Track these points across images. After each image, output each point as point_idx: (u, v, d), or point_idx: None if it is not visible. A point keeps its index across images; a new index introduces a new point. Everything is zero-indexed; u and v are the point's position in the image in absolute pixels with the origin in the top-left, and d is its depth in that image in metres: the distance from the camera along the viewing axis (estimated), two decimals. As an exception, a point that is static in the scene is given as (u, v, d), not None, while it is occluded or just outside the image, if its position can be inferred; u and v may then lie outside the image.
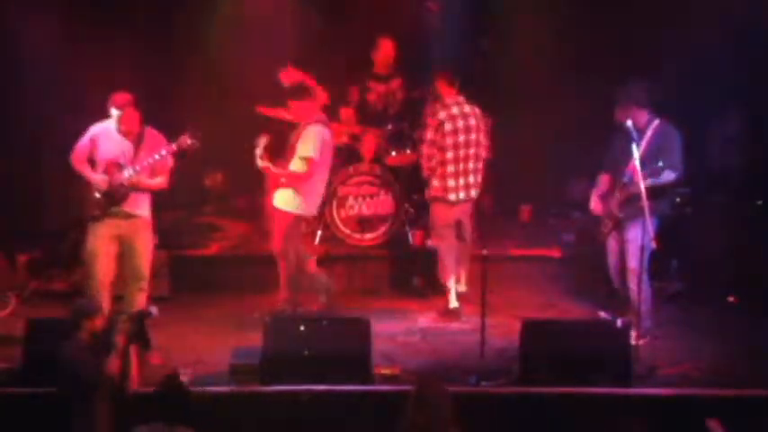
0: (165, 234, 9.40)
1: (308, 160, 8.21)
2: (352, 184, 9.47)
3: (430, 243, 9.10)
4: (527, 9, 9.99)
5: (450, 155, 8.49)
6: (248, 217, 10.44)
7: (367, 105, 9.87)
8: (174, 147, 7.75)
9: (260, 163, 8.31)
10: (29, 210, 9.88)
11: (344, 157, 9.65)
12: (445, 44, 10.04)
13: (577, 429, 6.90)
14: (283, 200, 8.36)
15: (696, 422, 6.59)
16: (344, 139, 9.70)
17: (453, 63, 9.01)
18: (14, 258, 9.35)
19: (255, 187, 9.52)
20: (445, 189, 8.54)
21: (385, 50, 9.83)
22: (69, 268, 9.09)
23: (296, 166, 8.27)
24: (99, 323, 6.38)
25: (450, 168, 8.52)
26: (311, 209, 8.48)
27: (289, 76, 9.22)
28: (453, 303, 8.60)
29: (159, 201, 9.44)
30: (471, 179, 8.61)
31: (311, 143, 8.21)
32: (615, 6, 9.93)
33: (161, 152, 7.71)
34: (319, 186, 8.42)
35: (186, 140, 7.74)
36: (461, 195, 8.58)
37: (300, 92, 8.42)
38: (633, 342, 7.47)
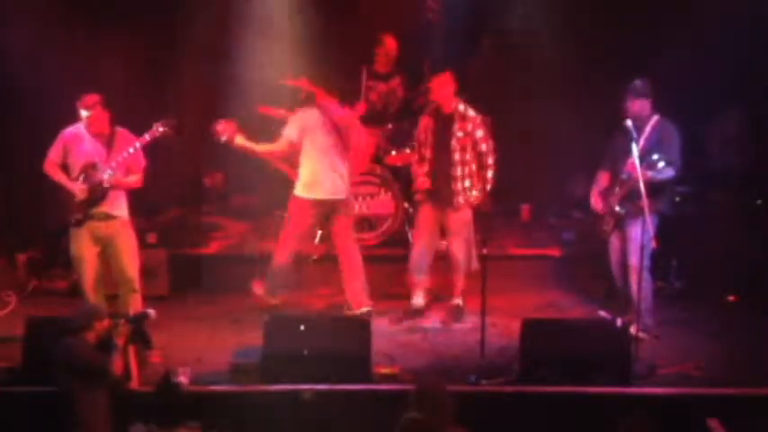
0: (165, 233, 9.41)
1: (282, 139, 8.37)
2: (353, 183, 9.44)
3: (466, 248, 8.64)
4: (527, 9, 9.98)
5: None
6: (248, 216, 10.44)
7: (368, 104, 9.87)
8: (146, 138, 7.76)
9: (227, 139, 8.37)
10: (29, 210, 9.88)
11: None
12: (445, 43, 10.05)
13: (577, 429, 6.91)
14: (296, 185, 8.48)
15: (696, 422, 6.60)
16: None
17: (453, 62, 9.00)
18: (14, 258, 9.36)
19: (255, 187, 9.52)
20: None
21: (388, 47, 9.83)
22: (69, 268, 9.09)
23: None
24: (105, 325, 6.46)
25: None
26: (314, 192, 8.39)
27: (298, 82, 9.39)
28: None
29: (159, 200, 9.48)
30: None
31: (289, 125, 8.38)
32: (616, 6, 9.92)
33: (135, 145, 7.74)
34: (319, 168, 8.34)
35: (159, 129, 7.74)
36: None
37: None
38: (633, 333, 7.47)
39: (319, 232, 9.52)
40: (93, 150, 7.80)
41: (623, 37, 9.89)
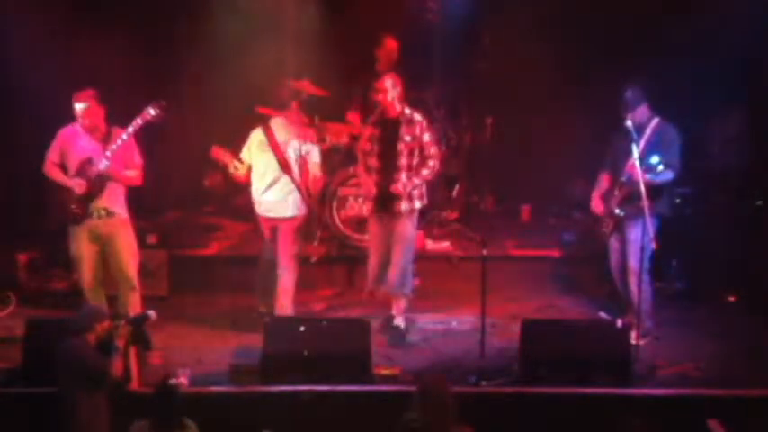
0: (165, 234, 9.41)
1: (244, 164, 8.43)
2: (353, 184, 9.45)
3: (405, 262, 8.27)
4: (528, 9, 9.98)
5: None
6: (248, 217, 10.42)
7: (369, 104, 9.87)
8: (138, 122, 7.75)
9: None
10: (29, 210, 9.88)
11: (344, 157, 9.65)
12: (445, 43, 10.06)
13: (577, 429, 6.91)
14: None
15: (696, 422, 6.60)
16: (344, 139, 9.70)
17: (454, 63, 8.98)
18: (14, 258, 9.35)
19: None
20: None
21: (388, 48, 9.83)
22: (69, 267, 9.09)
23: None
24: (105, 326, 6.46)
25: None
26: (257, 208, 8.48)
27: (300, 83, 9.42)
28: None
29: (159, 201, 9.47)
30: None
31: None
32: (615, 7, 9.92)
33: (128, 130, 7.72)
34: (257, 187, 8.41)
35: (149, 112, 7.72)
36: None
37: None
38: (633, 342, 7.47)
39: (318, 233, 9.54)
40: (88, 147, 7.79)
41: (623, 37, 9.89)
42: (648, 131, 7.89)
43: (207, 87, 10.21)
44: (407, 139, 8.04)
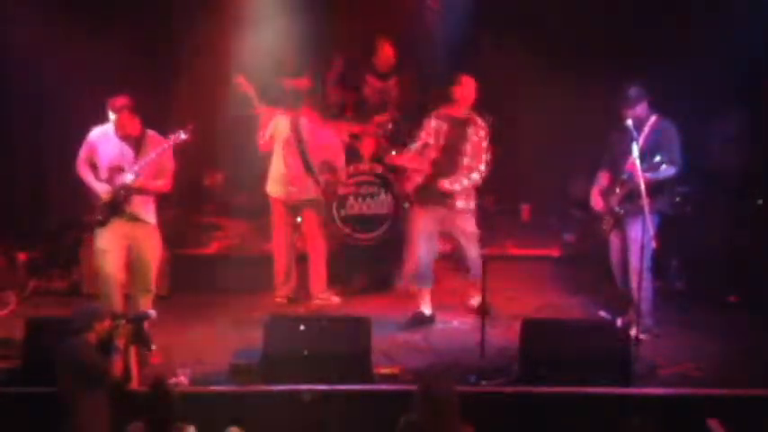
0: (165, 233, 9.39)
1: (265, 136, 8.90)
2: (352, 183, 9.47)
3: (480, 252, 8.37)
4: (527, 8, 9.98)
5: None
6: (248, 216, 10.44)
7: (363, 99, 9.89)
8: (170, 143, 7.73)
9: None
10: (29, 210, 9.88)
11: (344, 156, 9.65)
12: (445, 43, 10.06)
13: (577, 429, 6.91)
14: None
15: (696, 422, 6.60)
16: (344, 139, 9.70)
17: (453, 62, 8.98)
18: (14, 258, 9.36)
19: (255, 186, 9.52)
20: None
21: (385, 53, 9.84)
22: (69, 267, 9.10)
23: None
24: (105, 326, 6.46)
25: None
26: (270, 189, 8.85)
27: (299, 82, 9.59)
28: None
29: (159, 200, 9.45)
30: None
31: (268, 126, 8.90)
32: (615, 6, 9.93)
33: (158, 150, 7.69)
34: (276, 169, 8.79)
35: (180, 136, 7.72)
36: None
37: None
38: (634, 335, 7.47)
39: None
40: (119, 152, 7.72)
41: (623, 37, 9.89)
42: (647, 129, 7.91)
43: (207, 86, 10.21)
44: (475, 139, 8.32)
